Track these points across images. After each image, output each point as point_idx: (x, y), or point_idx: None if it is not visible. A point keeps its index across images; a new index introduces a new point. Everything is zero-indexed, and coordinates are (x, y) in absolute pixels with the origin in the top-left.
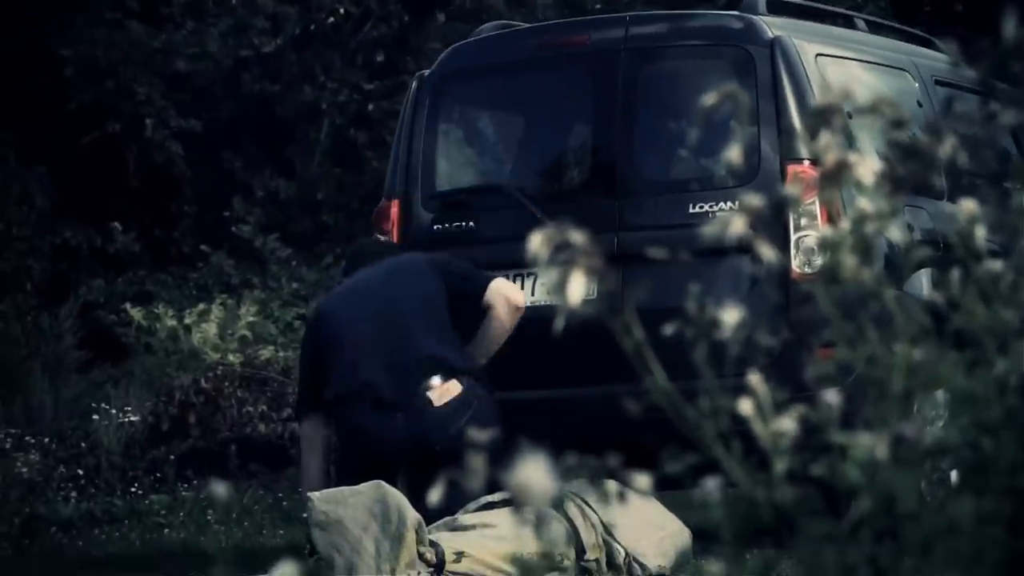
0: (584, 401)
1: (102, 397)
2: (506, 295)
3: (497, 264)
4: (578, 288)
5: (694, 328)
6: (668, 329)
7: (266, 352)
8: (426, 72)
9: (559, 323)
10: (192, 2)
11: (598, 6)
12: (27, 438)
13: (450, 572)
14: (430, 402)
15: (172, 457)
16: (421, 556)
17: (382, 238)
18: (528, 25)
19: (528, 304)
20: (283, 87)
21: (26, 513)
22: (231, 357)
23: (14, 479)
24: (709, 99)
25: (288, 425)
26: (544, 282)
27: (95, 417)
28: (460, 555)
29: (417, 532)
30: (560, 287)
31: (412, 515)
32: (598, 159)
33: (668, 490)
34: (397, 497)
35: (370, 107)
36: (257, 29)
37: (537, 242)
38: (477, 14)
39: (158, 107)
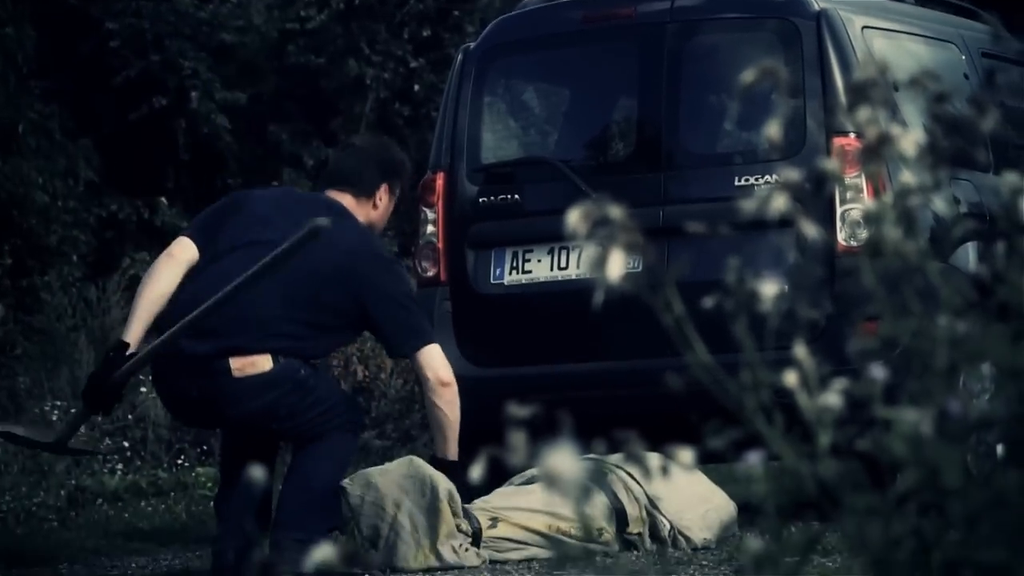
0: (626, 374)
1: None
2: (436, 371)
3: (541, 237)
4: (617, 264)
5: (734, 301)
6: (708, 302)
7: None
8: (471, 45)
9: (598, 298)
10: None
11: None
12: (73, 410)
13: (488, 538)
14: (229, 370)
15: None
16: (458, 527)
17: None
18: None
19: (575, 278)
20: (328, 60)
21: (72, 485)
22: None
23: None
24: (748, 75)
25: None
26: (585, 256)
27: (142, 389)
28: (495, 521)
29: (450, 503)
30: (599, 263)
31: (444, 485)
32: (643, 132)
33: (711, 463)
34: (427, 469)
35: (415, 87)
36: (303, 2)
37: (576, 217)
38: None
39: (204, 80)
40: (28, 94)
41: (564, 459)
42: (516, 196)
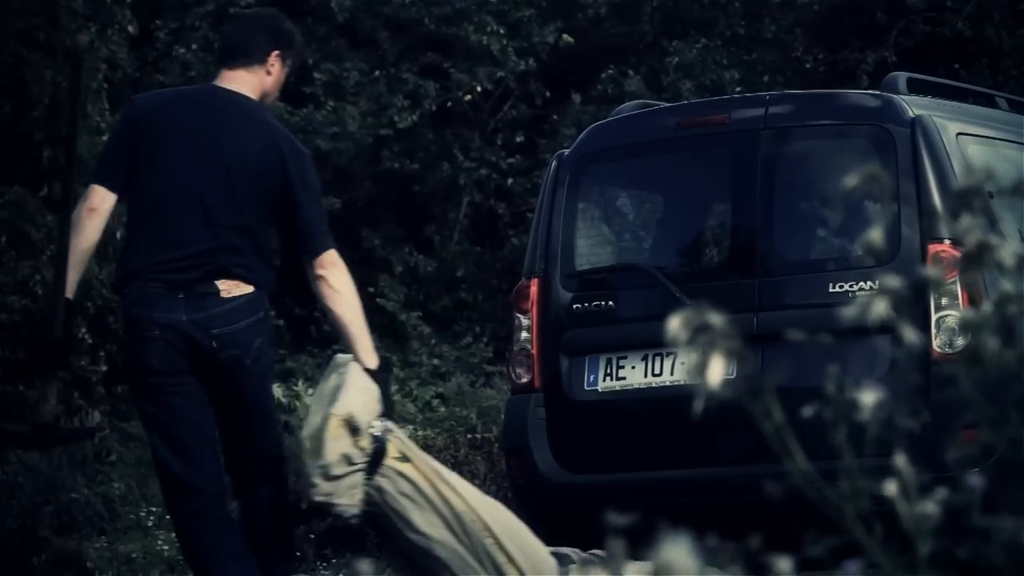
0: (721, 481)
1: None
2: (341, 265)
3: (635, 344)
4: (718, 370)
5: (834, 409)
6: (808, 410)
7: (405, 431)
8: (565, 151)
9: (699, 404)
10: (332, 81)
11: (738, 89)
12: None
13: (391, 468)
14: (217, 291)
15: (312, 536)
16: (357, 443)
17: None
18: (667, 104)
19: (670, 384)
20: (422, 165)
21: None
22: None
23: (156, 557)
24: (852, 180)
25: None
26: (684, 363)
27: None
28: (405, 457)
29: (349, 422)
30: (700, 369)
31: (345, 405)
32: (737, 238)
33: (810, 571)
34: (355, 384)
35: (509, 181)
36: (396, 107)
37: (676, 324)
38: (617, 98)
39: None
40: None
41: (679, 551)
42: (610, 302)
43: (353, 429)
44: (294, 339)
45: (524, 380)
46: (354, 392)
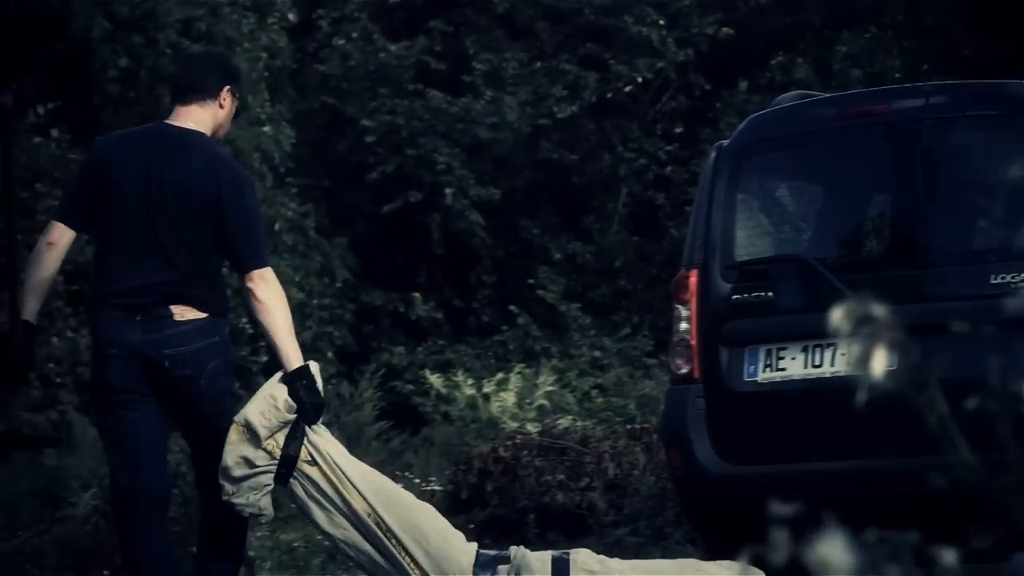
0: (883, 472)
1: (402, 465)
2: (267, 279)
3: (795, 335)
4: (881, 361)
5: (998, 400)
6: (971, 403)
7: (564, 421)
8: (724, 142)
9: (862, 396)
10: (491, 71)
11: (898, 75)
12: None
13: (299, 471)
14: (171, 315)
15: (471, 525)
16: (265, 448)
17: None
18: (826, 95)
19: (830, 375)
20: (581, 155)
21: None
22: (529, 426)
23: (316, 547)
24: (1019, 170)
25: (587, 495)
26: (844, 354)
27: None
28: (313, 460)
29: (247, 427)
30: (863, 360)
31: (244, 412)
32: (898, 229)
33: (976, 563)
34: (262, 392)
35: (668, 170)
36: (555, 97)
37: (840, 315)
38: (784, 86)
39: (457, 176)
40: (284, 193)
41: (835, 547)
42: (770, 293)
43: (253, 434)
44: (453, 330)
45: (684, 371)
46: (258, 400)
